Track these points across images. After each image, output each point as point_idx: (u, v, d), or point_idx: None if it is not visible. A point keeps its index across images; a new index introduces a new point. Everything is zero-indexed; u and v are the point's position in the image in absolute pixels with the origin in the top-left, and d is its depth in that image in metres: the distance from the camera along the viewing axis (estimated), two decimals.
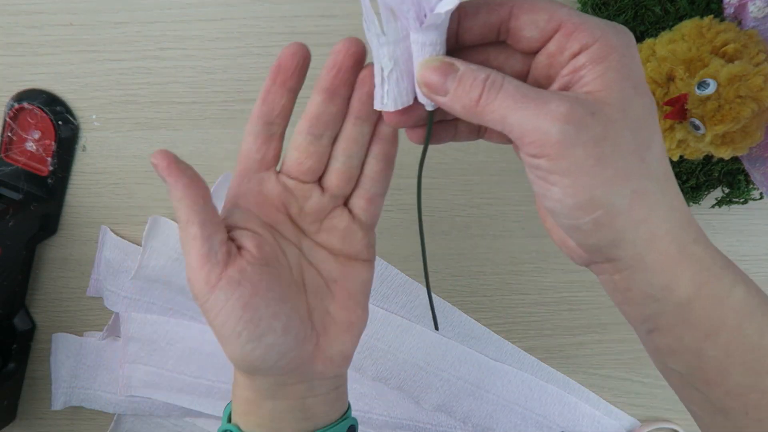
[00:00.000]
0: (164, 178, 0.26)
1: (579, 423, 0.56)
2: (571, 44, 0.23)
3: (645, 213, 0.24)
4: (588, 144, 0.22)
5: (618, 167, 0.23)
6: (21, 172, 0.51)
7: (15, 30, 0.50)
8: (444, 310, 0.55)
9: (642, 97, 0.24)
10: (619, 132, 0.23)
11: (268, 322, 0.27)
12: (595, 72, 0.23)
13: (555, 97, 0.23)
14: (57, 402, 0.55)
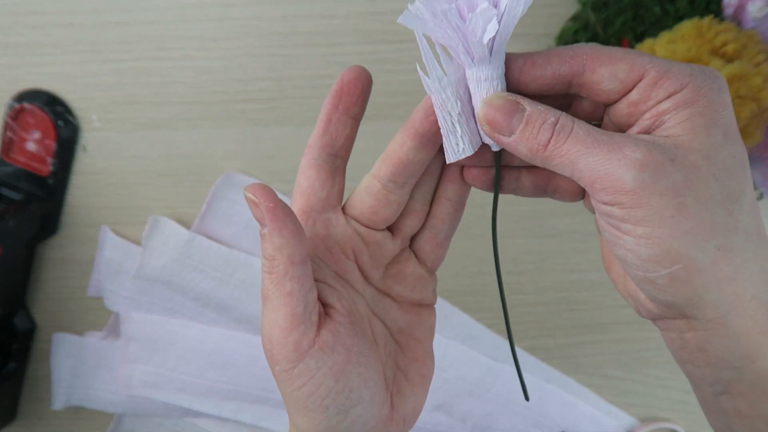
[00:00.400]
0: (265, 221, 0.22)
1: (579, 423, 0.56)
2: (657, 92, 0.21)
3: (731, 272, 0.21)
4: (666, 193, 0.21)
5: (701, 219, 0.21)
6: (21, 172, 0.51)
7: (15, 30, 0.50)
8: (444, 310, 0.55)
9: (732, 145, 0.22)
10: (704, 181, 0.21)
11: (359, 392, 0.24)
12: (681, 116, 0.21)
13: (630, 142, 0.21)
14: (57, 402, 0.55)
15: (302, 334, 0.23)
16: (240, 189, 0.52)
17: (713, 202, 0.21)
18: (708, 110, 0.21)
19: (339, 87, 0.25)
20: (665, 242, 0.21)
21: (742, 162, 0.22)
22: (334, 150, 0.26)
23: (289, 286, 0.23)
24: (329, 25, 0.50)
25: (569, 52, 0.23)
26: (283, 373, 0.23)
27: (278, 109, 0.51)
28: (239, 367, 0.54)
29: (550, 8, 0.49)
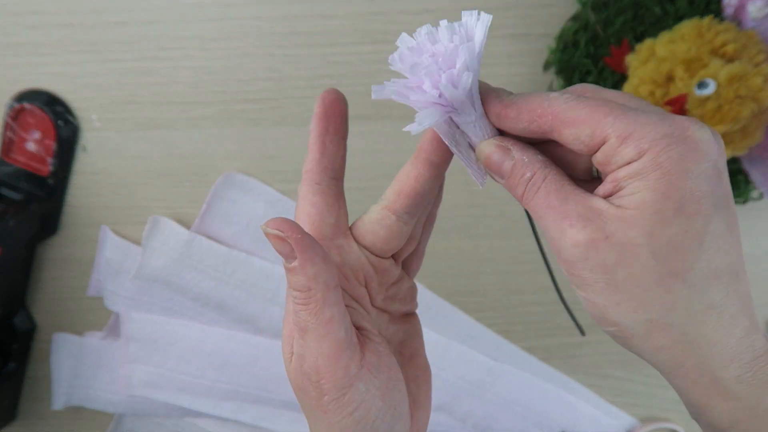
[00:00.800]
0: (295, 254, 0.22)
1: (579, 423, 0.56)
2: (617, 158, 0.21)
3: (667, 342, 0.22)
4: (596, 268, 0.21)
5: (631, 295, 0.21)
6: (21, 172, 0.51)
7: (15, 30, 0.50)
8: (444, 310, 0.55)
9: (687, 219, 0.21)
10: (639, 258, 0.21)
11: (400, 408, 0.25)
12: (634, 188, 0.21)
13: (575, 214, 0.22)
14: (57, 402, 0.55)
15: (349, 359, 0.23)
16: (240, 189, 0.52)
17: (647, 280, 0.21)
18: (661, 182, 0.20)
19: (323, 110, 0.26)
20: (600, 308, 0.22)
21: (697, 236, 0.21)
22: (334, 173, 0.26)
23: (329, 313, 0.22)
24: (329, 25, 0.50)
25: (538, 109, 0.23)
26: (333, 402, 0.23)
27: (278, 109, 0.51)
28: (239, 367, 0.54)
29: (550, 8, 0.49)
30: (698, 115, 0.41)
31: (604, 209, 0.21)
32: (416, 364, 0.28)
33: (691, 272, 0.21)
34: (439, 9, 0.49)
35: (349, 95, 0.51)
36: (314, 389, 0.23)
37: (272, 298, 0.53)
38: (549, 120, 0.22)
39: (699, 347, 0.22)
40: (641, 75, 0.43)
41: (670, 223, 0.21)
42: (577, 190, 0.23)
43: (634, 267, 0.21)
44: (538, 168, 0.23)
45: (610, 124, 0.21)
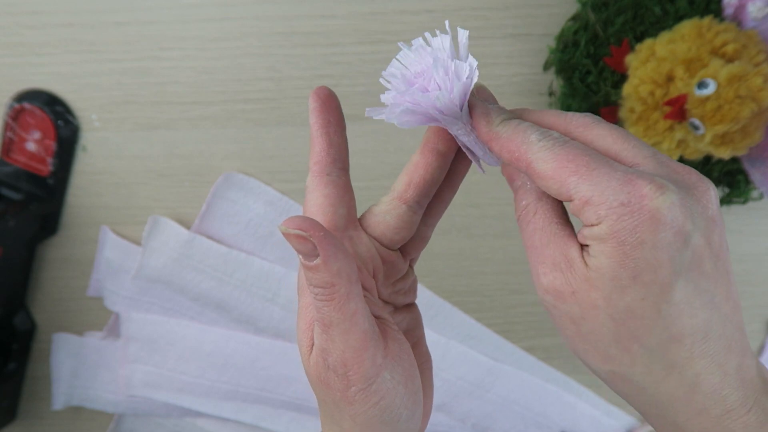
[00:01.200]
0: (317, 251, 0.21)
1: (579, 423, 0.56)
2: (581, 218, 0.22)
3: (629, 392, 0.23)
4: (564, 317, 0.23)
5: (594, 347, 0.22)
6: (21, 172, 0.51)
7: (15, 30, 0.50)
8: (444, 310, 0.55)
9: (643, 287, 0.21)
10: (599, 319, 0.22)
11: (419, 394, 0.25)
12: (595, 251, 0.21)
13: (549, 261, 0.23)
14: (57, 402, 0.55)
15: (375, 349, 0.23)
16: (240, 189, 0.52)
17: (607, 338, 0.22)
18: (616, 252, 0.21)
19: (321, 103, 0.26)
20: (573, 349, 0.24)
21: (653, 305, 0.21)
22: (342, 164, 0.26)
23: (353, 307, 0.22)
24: (329, 25, 0.50)
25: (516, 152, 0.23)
26: (360, 393, 0.23)
27: (278, 109, 0.51)
28: (239, 367, 0.54)
29: (550, 8, 0.49)
30: (698, 115, 0.41)
31: (575, 263, 0.22)
32: (420, 352, 0.28)
33: (648, 337, 0.21)
34: (439, 9, 0.49)
35: (349, 95, 0.51)
36: (340, 381, 0.23)
37: (272, 298, 0.53)
38: (524, 166, 0.23)
39: (660, 401, 0.22)
40: (641, 75, 0.43)
41: (626, 291, 0.21)
42: (560, 233, 0.23)
43: (595, 326, 0.22)
44: (532, 200, 0.24)
45: (573, 185, 0.21)
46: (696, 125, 0.41)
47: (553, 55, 0.48)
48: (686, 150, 0.44)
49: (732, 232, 0.54)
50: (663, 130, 0.43)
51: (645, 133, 0.44)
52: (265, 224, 0.53)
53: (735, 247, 0.54)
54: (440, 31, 0.24)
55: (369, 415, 0.23)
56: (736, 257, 0.55)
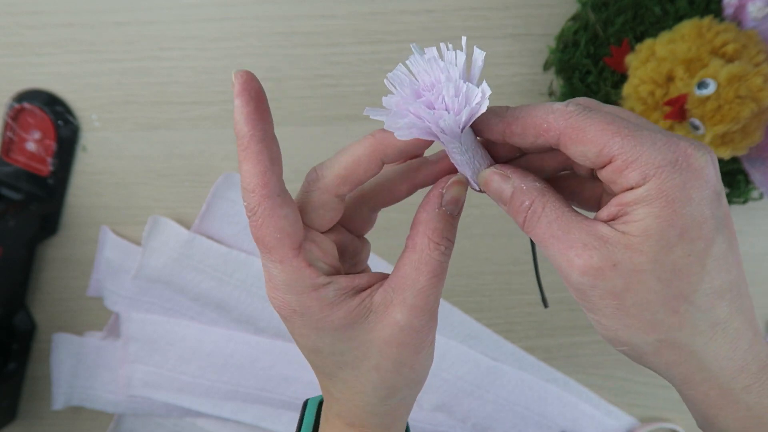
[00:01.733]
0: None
1: (579, 423, 0.56)
2: (621, 181, 0.22)
3: (677, 359, 0.23)
4: (605, 295, 0.22)
5: (640, 318, 0.22)
6: (21, 172, 0.51)
7: (15, 30, 0.50)
8: (444, 310, 0.55)
9: (689, 243, 0.21)
10: (646, 284, 0.22)
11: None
12: (638, 215, 0.21)
13: (579, 243, 0.22)
14: (57, 402, 0.55)
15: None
16: (240, 189, 0.52)
17: (655, 303, 0.22)
18: (665, 210, 0.21)
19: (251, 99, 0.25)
20: (611, 330, 0.23)
21: (699, 259, 0.22)
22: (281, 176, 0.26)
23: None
24: (329, 25, 0.50)
25: (543, 124, 0.23)
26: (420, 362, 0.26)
27: (278, 109, 0.51)
28: (239, 367, 0.54)
29: (550, 8, 0.49)
30: (698, 115, 0.41)
31: (609, 236, 0.22)
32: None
33: (695, 294, 0.22)
34: (439, 9, 0.49)
35: (349, 95, 0.51)
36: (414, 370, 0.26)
37: None
38: (555, 135, 0.23)
39: (707, 362, 0.23)
40: (641, 75, 0.43)
41: (673, 249, 0.21)
42: (578, 217, 0.23)
43: (641, 292, 0.22)
44: (535, 196, 0.23)
45: (617, 145, 0.21)
46: (696, 125, 0.41)
47: (553, 55, 0.48)
48: None
49: None
50: None
51: None
52: None
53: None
54: (453, 46, 0.23)
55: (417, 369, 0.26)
56: None
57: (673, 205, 0.21)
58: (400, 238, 0.55)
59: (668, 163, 0.21)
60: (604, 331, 0.23)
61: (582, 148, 0.22)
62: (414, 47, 0.24)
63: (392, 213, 0.52)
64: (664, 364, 0.23)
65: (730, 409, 0.23)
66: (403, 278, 0.25)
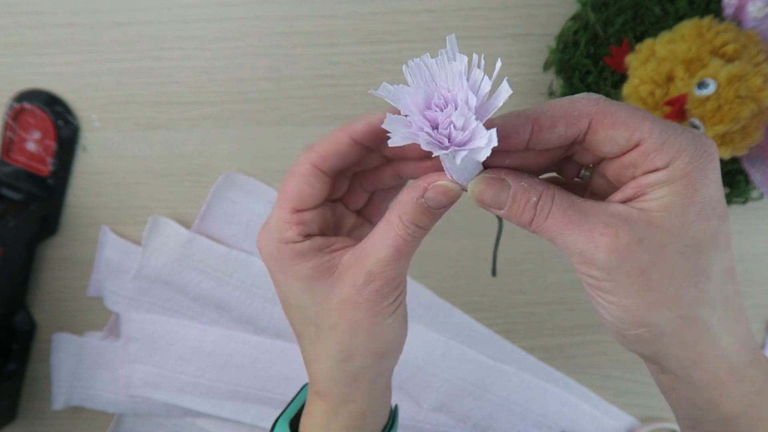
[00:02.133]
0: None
1: (579, 423, 0.56)
2: (647, 164, 0.23)
3: (693, 337, 0.24)
4: (632, 272, 0.22)
5: (664, 293, 0.23)
6: (21, 172, 0.51)
7: (15, 30, 0.50)
8: (444, 310, 0.55)
9: (706, 221, 0.23)
10: (670, 258, 0.23)
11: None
12: (661, 193, 0.22)
13: (601, 224, 0.23)
14: (57, 402, 0.55)
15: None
16: (240, 189, 0.52)
17: (678, 277, 0.23)
18: (688, 189, 0.22)
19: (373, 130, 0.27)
20: (631, 311, 0.23)
21: (713, 236, 0.23)
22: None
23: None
24: (329, 25, 0.50)
25: (574, 111, 0.23)
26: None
27: (278, 109, 0.51)
28: (239, 367, 0.54)
29: (550, 8, 0.49)
30: (698, 115, 0.41)
31: (630, 214, 0.23)
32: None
33: (712, 268, 0.23)
34: (439, 9, 0.49)
35: (349, 95, 0.51)
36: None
37: (272, 298, 0.53)
38: (586, 122, 0.23)
39: (720, 338, 0.24)
40: (641, 75, 0.43)
41: (692, 225, 0.22)
42: (590, 202, 0.24)
43: (666, 267, 0.22)
44: (542, 190, 0.24)
45: (647, 131, 0.22)
46: (696, 125, 0.41)
47: (553, 55, 0.48)
48: None
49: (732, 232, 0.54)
50: None
51: None
52: None
53: (735, 247, 0.54)
54: (487, 64, 0.22)
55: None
56: (736, 257, 0.55)
57: (695, 185, 0.22)
58: None
59: (693, 147, 0.22)
60: (621, 313, 0.23)
61: (613, 132, 0.23)
62: (450, 40, 0.23)
63: None
64: (681, 344, 0.24)
65: (734, 386, 0.24)
66: (370, 246, 0.26)
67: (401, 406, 0.55)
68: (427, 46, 0.49)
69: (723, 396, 0.25)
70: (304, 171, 0.27)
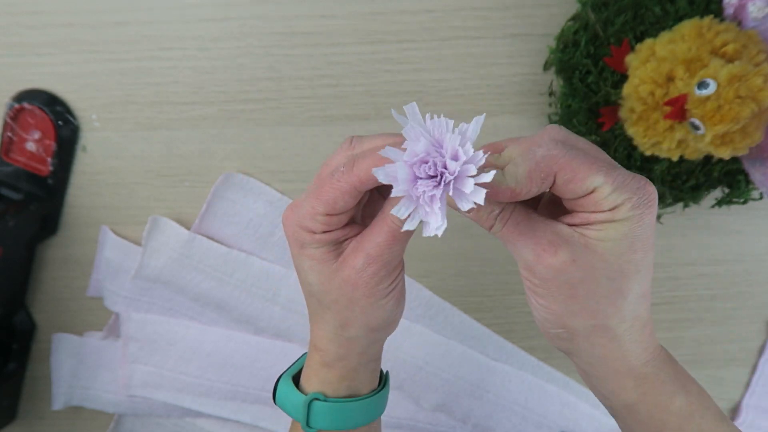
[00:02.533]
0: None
1: (579, 423, 0.56)
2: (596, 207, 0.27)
3: (603, 342, 0.29)
4: (563, 285, 0.28)
5: (586, 306, 0.28)
6: (21, 172, 0.51)
7: (15, 30, 0.50)
8: (444, 310, 0.55)
9: (634, 254, 0.27)
10: (597, 279, 0.28)
11: None
12: (601, 227, 0.27)
13: (546, 240, 0.28)
14: (57, 402, 0.55)
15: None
16: (240, 189, 0.52)
17: (600, 295, 0.28)
18: (625, 227, 0.27)
19: None
20: (556, 314, 0.29)
21: (637, 267, 0.28)
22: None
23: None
24: (329, 25, 0.50)
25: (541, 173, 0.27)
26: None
27: (278, 109, 0.51)
28: (239, 367, 0.54)
29: (550, 8, 0.49)
30: (698, 115, 0.41)
31: (572, 236, 0.28)
32: None
33: (630, 292, 0.28)
34: (439, 9, 0.49)
35: (349, 95, 0.51)
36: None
37: (272, 298, 0.53)
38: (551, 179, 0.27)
39: (624, 344, 0.30)
40: (641, 75, 0.43)
41: (621, 256, 0.27)
42: (541, 219, 0.28)
43: (592, 285, 0.28)
44: (503, 205, 0.28)
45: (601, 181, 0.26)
46: (696, 125, 0.41)
47: (553, 55, 0.48)
48: (686, 150, 0.44)
49: (732, 232, 0.54)
50: (663, 130, 0.43)
51: (645, 133, 0.44)
52: (265, 224, 0.53)
53: (735, 247, 0.54)
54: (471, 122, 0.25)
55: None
56: (736, 257, 0.55)
57: (632, 225, 0.27)
58: None
59: (637, 196, 0.27)
60: (547, 314, 0.29)
61: (573, 185, 0.27)
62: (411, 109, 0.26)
63: None
64: (590, 346, 0.30)
65: (632, 380, 0.30)
66: (368, 233, 0.30)
67: (401, 406, 0.55)
68: (427, 46, 0.49)
69: (621, 387, 0.31)
70: (344, 188, 0.29)
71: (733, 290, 0.56)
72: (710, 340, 0.57)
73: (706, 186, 0.50)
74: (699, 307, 0.56)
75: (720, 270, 0.55)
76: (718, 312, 0.56)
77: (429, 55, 0.49)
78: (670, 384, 0.31)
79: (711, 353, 0.57)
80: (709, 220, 0.53)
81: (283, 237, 0.53)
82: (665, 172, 0.49)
